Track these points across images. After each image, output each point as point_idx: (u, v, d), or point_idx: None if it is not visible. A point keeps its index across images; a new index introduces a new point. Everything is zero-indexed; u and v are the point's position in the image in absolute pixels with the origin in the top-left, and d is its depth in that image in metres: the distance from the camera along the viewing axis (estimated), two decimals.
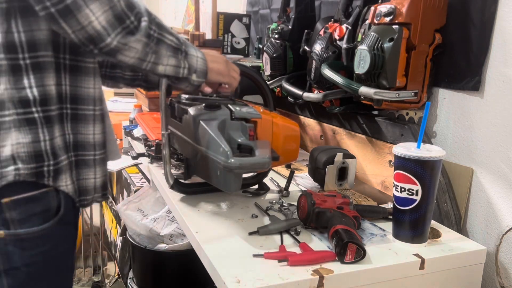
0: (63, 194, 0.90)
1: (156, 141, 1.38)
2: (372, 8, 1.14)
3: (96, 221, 2.48)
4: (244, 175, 1.10)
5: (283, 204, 1.09)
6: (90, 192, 0.96)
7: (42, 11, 0.78)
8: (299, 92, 1.41)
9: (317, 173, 1.20)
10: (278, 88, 1.62)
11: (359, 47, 1.12)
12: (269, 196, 1.16)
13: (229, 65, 1.04)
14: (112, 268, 2.49)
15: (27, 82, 0.84)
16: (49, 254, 0.91)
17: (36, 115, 0.85)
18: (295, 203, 1.02)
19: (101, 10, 0.79)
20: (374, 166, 1.27)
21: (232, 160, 0.87)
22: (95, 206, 2.34)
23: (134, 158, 1.45)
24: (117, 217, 2.04)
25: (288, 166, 1.39)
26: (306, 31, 1.48)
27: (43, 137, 0.86)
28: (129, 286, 1.60)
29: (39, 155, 0.86)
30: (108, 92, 2.91)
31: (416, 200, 0.88)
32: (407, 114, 1.20)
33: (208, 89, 1.08)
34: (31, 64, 0.84)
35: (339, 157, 1.18)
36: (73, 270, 1.21)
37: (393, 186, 0.91)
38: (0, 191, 0.85)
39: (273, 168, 1.35)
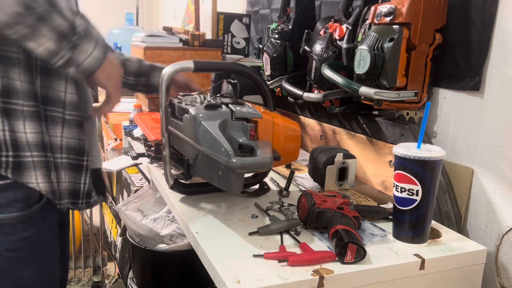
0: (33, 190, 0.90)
1: (156, 141, 1.38)
2: (372, 8, 1.14)
3: (96, 221, 2.48)
4: (244, 175, 1.10)
5: (283, 204, 1.08)
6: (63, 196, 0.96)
7: None
8: (299, 92, 1.41)
9: (317, 173, 1.20)
10: (278, 88, 1.62)
11: (359, 47, 1.12)
12: (269, 196, 1.16)
13: (119, 84, 1.03)
14: (112, 268, 2.50)
15: None
16: (31, 240, 0.91)
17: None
18: (295, 203, 1.02)
19: None
20: (374, 166, 1.27)
21: (234, 160, 0.87)
22: (95, 206, 2.34)
23: (134, 158, 1.45)
24: (117, 217, 2.04)
25: (288, 166, 1.39)
26: (306, 31, 1.47)
27: (2, 127, 0.87)
28: (129, 286, 1.60)
29: None
30: None
31: (416, 200, 0.88)
32: (407, 114, 1.20)
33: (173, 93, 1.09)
34: None
35: (339, 157, 1.18)
36: (65, 261, 1.20)
37: (393, 186, 0.91)
38: None
39: (273, 168, 1.35)
